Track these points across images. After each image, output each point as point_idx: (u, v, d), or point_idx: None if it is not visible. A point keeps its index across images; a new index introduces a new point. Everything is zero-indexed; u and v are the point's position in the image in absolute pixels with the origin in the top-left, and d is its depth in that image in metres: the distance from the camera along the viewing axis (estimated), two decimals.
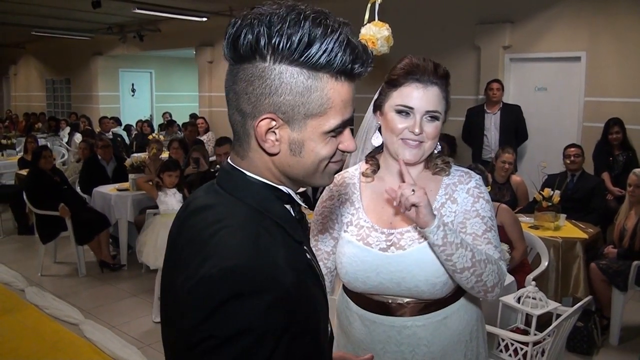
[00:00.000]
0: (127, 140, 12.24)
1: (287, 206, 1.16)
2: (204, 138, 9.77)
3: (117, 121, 12.90)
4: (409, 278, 1.71)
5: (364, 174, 1.87)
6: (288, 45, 0.99)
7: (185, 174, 5.91)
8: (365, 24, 3.59)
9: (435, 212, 1.68)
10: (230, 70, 1.07)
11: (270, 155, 1.08)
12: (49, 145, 8.73)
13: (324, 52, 0.99)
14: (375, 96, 1.86)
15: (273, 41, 0.99)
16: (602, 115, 6.62)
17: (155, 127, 13.75)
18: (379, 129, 1.83)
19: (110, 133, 11.46)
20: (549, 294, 4.29)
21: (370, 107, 1.92)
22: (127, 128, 13.55)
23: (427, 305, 1.76)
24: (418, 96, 1.69)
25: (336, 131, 1.08)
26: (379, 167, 1.86)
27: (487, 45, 7.94)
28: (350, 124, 1.09)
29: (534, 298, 3.21)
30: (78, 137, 11.01)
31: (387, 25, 3.55)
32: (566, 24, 7.32)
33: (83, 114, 14.29)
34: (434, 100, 1.70)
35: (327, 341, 1.25)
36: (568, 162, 5.71)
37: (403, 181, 1.62)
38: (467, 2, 8.23)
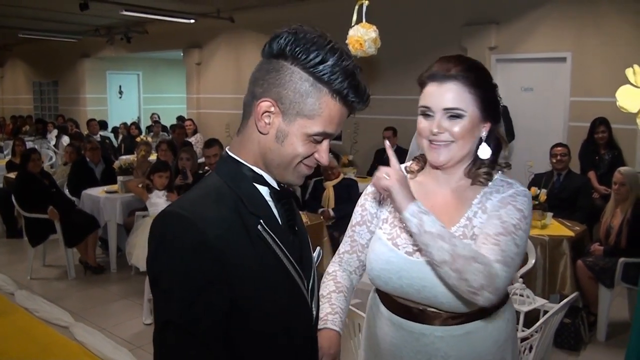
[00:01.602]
0: (115, 143, 12.21)
1: (260, 186, 1.31)
2: (192, 140, 9.78)
3: (101, 124, 12.83)
4: (429, 287, 1.66)
5: (408, 169, 1.84)
6: (305, 56, 1.20)
7: (175, 185, 5.92)
8: (353, 26, 3.62)
9: (467, 222, 1.69)
10: (260, 62, 1.28)
11: (260, 133, 1.26)
12: (37, 148, 8.71)
13: (330, 72, 1.20)
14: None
15: (296, 49, 1.20)
16: (588, 114, 6.70)
17: (143, 129, 13.72)
18: None
19: (99, 135, 11.43)
20: (537, 291, 4.34)
21: None
22: (115, 130, 13.52)
23: (450, 317, 1.70)
24: (433, 94, 1.63)
25: (316, 138, 1.25)
26: (425, 165, 1.83)
27: (473, 46, 8.00)
28: (330, 138, 1.29)
29: (521, 295, 3.25)
30: (66, 140, 10.97)
31: (374, 27, 3.58)
32: (552, 25, 7.40)
33: (70, 118, 14.24)
34: (452, 97, 1.61)
35: (296, 321, 1.34)
36: (554, 161, 5.77)
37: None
38: (453, 3, 8.30)
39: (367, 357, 1.93)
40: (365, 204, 1.88)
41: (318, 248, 1.54)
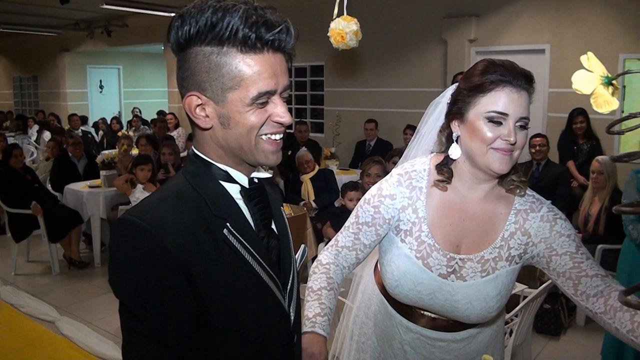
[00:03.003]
0: (96, 138, 12.15)
1: (229, 185, 1.21)
2: (174, 134, 9.76)
3: (82, 119, 12.78)
4: (463, 309, 1.67)
5: (435, 184, 1.69)
6: (197, 30, 1.10)
7: (158, 179, 5.92)
8: (335, 19, 3.66)
9: (503, 243, 1.65)
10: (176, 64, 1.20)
11: (205, 130, 1.18)
12: (18, 143, 8.65)
13: (226, 28, 1.08)
14: (446, 100, 1.73)
15: (185, 29, 1.11)
16: (566, 105, 6.79)
17: (124, 123, 13.66)
18: (457, 139, 1.65)
19: (80, 130, 11.38)
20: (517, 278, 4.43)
21: (436, 111, 1.85)
22: (95, 125, 13.46)
23: (467, 324, 1.75)
24: (513, 102, 1.52)
25: (258, 102, 1.13)
26: (452, 176, 1.68)
27: (453, 38, 8.07)
28: (275, 94, 1.15)
29: None
30: (47, 135, 10.91)
31: (355, 19, 3.62)
32: (530, 18, 7.49)
33: (51, 112, 14.13)
34: (527, 107, 1.54)
35: (271, 326, 1.26)
36: (533, 151, 5.87)
37: None
38: None
39: (371, 352, 1.95)
40: (380, 207, 1.72)
41: (303, 246, 1.47)
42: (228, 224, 1.16)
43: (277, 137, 1.19)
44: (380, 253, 1.82)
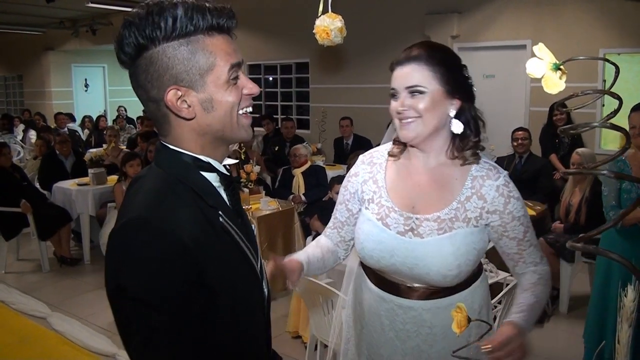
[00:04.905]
0: (82, 136, 12.15)
1: (208, 174, 1.27)
2: None
3: (70, 117, 12.79)
4: (421, 265, 1.75)
5: (390, 154, 1.90)
6: (159, 30, 1.15)
7: None
8: (320, 16, 3.73)
9: (459, 205, 1.77)
10: (129, 73, 1.23)
11: (189, 120, 1.22)
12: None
13: (189, 20, 1.16)
14: None
15: (147, 32, 1.15)
16: (547, 100, 6.89)
17: (110, 121, 13.66)
18: None
19: (66, 129, 11.37)
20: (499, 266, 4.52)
21: None
22: (82, 124, 13.45)
23: (436, 292, 1.81)
24: (397, 78, 1.74)
25: (232, 78, 1.22)
26: (406, 147, 1.86)
27: (436, 34, 8.15)
28: (240, 67, 1.25)
29: (484, 270, 3.41)
30: (33, 135, 10.90)
31: (340, 16, 3.69)
32: (512, 14, 7.61)
33: (37, 112, 14.09)
34: (412, 76, 1.70)
35: (253, 305, 1.34)
36: (516, 144, 5.98)
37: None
38: None
39: (355, 329, 2.04)
40: (347, 185, 1.97)
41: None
42: (220, 212, 1.24)
43: (250, 109, 1.29)
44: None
